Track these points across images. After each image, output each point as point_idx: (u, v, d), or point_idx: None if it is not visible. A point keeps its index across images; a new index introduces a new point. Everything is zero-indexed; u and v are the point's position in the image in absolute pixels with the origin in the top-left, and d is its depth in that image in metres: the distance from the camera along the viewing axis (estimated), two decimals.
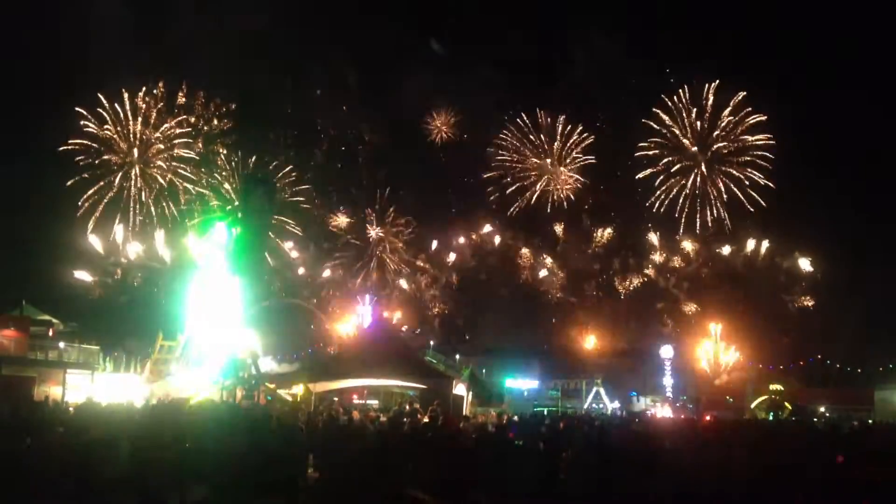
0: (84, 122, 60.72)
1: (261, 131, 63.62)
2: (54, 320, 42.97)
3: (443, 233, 66.35)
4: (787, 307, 62.98)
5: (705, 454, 14.00)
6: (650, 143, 66.05)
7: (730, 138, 65.14)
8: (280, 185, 60.58)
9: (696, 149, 65.84)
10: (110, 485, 12.04)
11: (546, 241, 67.65)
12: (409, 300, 64.98)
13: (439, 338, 60.11)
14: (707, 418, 33.33)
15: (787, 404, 48.47)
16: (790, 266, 64.36)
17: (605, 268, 67.04)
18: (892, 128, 59.06)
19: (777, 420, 41.19)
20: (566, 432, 16.80)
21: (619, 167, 67.22)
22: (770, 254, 64.80)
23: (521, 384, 51.78)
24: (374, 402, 31.54)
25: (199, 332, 30.80)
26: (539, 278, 66.59)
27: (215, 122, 62.65)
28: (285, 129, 64.24)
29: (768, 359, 56.66)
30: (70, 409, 20.15)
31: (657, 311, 64.85)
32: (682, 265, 66.09)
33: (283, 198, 61.17)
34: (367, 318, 52.98)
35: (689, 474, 11.93)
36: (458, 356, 49.39)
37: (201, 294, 30.91)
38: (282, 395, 25.77)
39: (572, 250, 66.97)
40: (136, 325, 47.89)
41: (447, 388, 24.34)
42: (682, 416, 40.88)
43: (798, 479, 11.54)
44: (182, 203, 61.94)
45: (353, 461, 12.23)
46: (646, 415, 39.37)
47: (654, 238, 66.79)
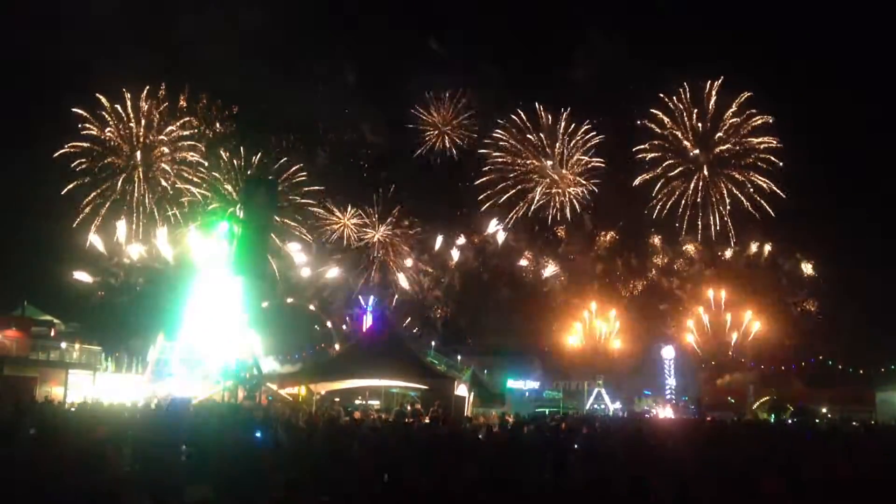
0: (86, 124, 60.86)
1: (262, 133, 63.62)
2: (56, 320, 43.06)
3: (445, 233, 66.27)
4: (790, 309, 62.86)
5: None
6: (650, 145, 65.96)
7: (732, 141, 64.97)
8: (282, 186, 60.55)
9: (697, 151, 65.62)
10: (112, 485, 12.06)
11: (548, 244, 67.50)
12: (411, 301, 64.86)
13: (441, 338, 60.00)
14: (708, 419, 33.31)
15: (788, 405, 48.40)
16: (792, 268, 64.28)
17: (607, 269, 66.88)
18: (892, 128, 59.07)
19: (778, 421, 41.14)
20: (569, 433, 16.83)
21: (619, 169, 67.00)
22: (772, 255, 64.68)
23: (522, 385, 51.67)
24: (376, 403, 31.51)
25: (200, 332, 30.88)
26: (542, 279, 66.38)
27: (217, 125, 62.71)
28: (287, 131, 64.19)
29: (770, 359, 56.59)
30: (72, 408, 20.22)
31: (660, 313, 64.63)
32: (685, 267, 65.91)
33: (285, 198, 61.17)
34: (368, 319, 52.91)
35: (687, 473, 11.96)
36: (459, 357, 49.30)
37: (203, 294, 31.00)
38: (283, 395, 25.83)
39: (575, 252, 66.84)
40: (137, 325, 47.98)
41: (449, 388, 24.37)
42: (683, 417, 40.84)
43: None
44: (185, 206, 61.97)
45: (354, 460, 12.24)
46: (645, 415, 39.33)
47: (656, 240, 66.61)
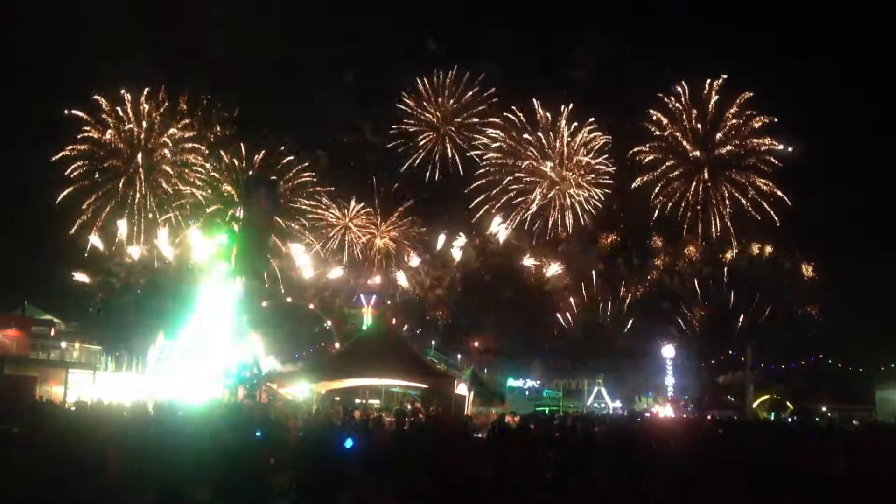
0: (87, 126, 60.96)
1: (263, 134, 63.58)
2: (56, 320, 43.08)
3: (447, 233, 66.21)
4: (790, 307, 62.79)
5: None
6: (650, 146, 65.91)
7: (733, 142, 64.83)
8: (283, 187, 60.60)
9: (697, 153, 65.46)
10: (112, 484, 12.07)
11: (548, 243, 67.40)
12: (411, 300, 64.83)
13: (442, 337, 59.96)
14: (709, 417, 33.28)
15: (788, 403, 48.40)
16: (793, 267, 64.21)
17: (608, 267, 66.73)
18: (892, 128, 59.06)
19: (778, 419, 41.15)
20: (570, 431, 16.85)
21: (620, 169, 66.85)
22: (773, 254, 64.60)
23: (522, 384, 51.65)
24: (376, 402, 31.52)
25: (200, 332, 30.86)
26: (543, 279, 66.25)
27: (218, 127, 62.70)
28: (287, 131, 64.21)
29: (770, 358, 56.54)
30: (72, 408, 20.20)
31: (662, 311, 64.43)
32: (686, 266, 65.81)
33: (286, 199, 61.22)
34: (369, 319, 52.88)
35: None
36: (459, 356, 49.28)
37: (203, 294, 30.98)
38: (283, 394, 25.82)
39: (576, 251, 66.80)
40: (137, 324, 48.00)
41: (449, 387, 24.33)
42: (684, 416, 40.80)
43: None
44: (186, 207, 61.98)
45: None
46: (646, 414, 39.26)
47: (657, 241, 66.51)
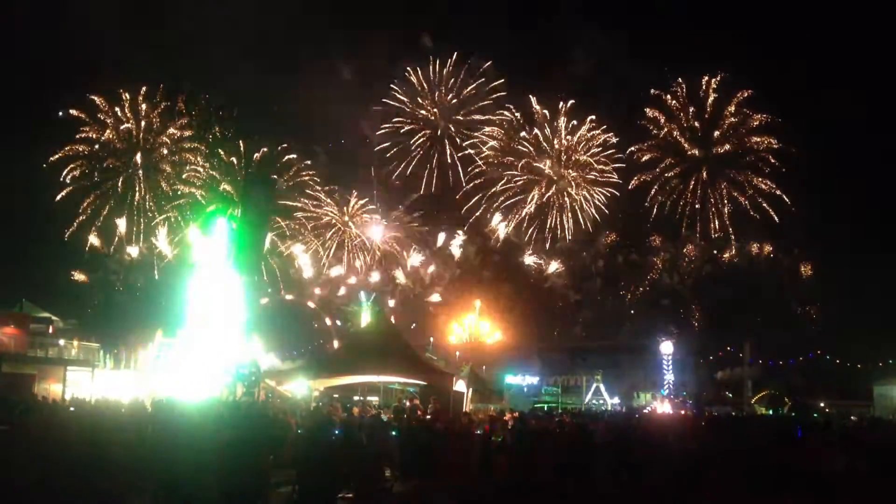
0: (84, 126, 60.87)
1: (261, 132, 63.53)
2: (54, 317, 43.01)
3: (447, 229, 66.17)
4: (789, 305, 62.82)
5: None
6: (649, 145, 65.85)
7: (732, 141, 64.76)
8: (283, 186, 60.58)
9: (696, 152, 65.38)
10: (109, 483, 12.05)
11: (550, 242, 67.37)
12: (411, 297, 64.76)
13: (441, 334, 59.88)
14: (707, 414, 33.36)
15: (786, 399, 48.50)
16: (791, 264, 64.27)
17: (608, 265, 66.73)
18: (891, 127, 58.98)
19: (777, 415, 41.22)
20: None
21: (618, 168, 66.77)
22: (771, 253, 64.63)
23: (521, 380, 51.64)
24: (374, 399, 31.52)
25: (199, 329, 30.82)
26: (542, 276, 66.22)
27: (217, 129, 62.60)
28: (286, 130, 64.14)
29: (768, 354, 56.64)
30: (70, 406, 20.18)
31: (661, 308, 64.41)
32: (685, 265, 65.80)
33: (284, 197, 61.23)
34: (368, 315, 52.81)
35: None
36: (457, 352, 49.31)
37: (201, 292, 30.93)
38: (282, 392, 25.79)
39: (576, 248, 66.82)
40: (136, 322, 47.94)
41: (447, 384, 24.32)
42: (683, 412, 40.84)
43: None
44: (184, 206, 61.96)
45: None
46: (644, 411, 39.35)
47: (657, 239, 66.47)
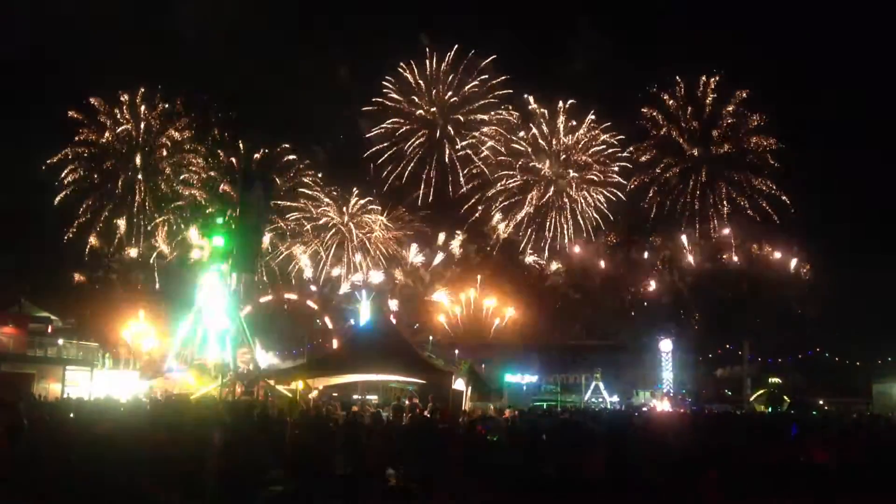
0: (84, 128, 60.88)
1: (259, 132, 63.51)
2: (53, 317, 43.00)
3: (447, 228, 66.17)
4: (789, 302, 62.83)
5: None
6: (648, 144, 65.80)
7: (731, 142, 64.76)
8: (283, 184, 60.63)
9: (695, 151, 65.34)
10: (111, 483, 12.07)
11: (551, 241, 67.32)
12: (411, 295, 64.75)
13: (441, 333, 59.94)
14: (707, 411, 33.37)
15: (785, 397, 48.55)
16: (790, 263, 64.29)
17: (608, 264, 66.70)
18: (890, 125, 58.93)
19: (775, 413, 41.23)
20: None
21: (619, 167, 66.65)
22: (771, 251, 64.68)
23: (520, 379, 51.64)
24: (374, 398, 31.55)
25: (197, 328, 30.87)
26: (542, 275, 66.18)
27: (216, 130, 62.67)
28: (286, 129, 64.12)
29: (767, 352, 56.69)
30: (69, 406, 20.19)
31: (661, 307, 64.37)
32: (684, 264, 65.77)
33: (284, 195, 61.26)
34: (367, 314, 52.84)
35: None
36: (456, 351, 49.31)
37: (200, 291, 30.97)
38: (280, 390, 25.78)
39: (576, 245, 66.79)
40: (135, 322, 47.92)
41: (446, 382, 24.32)
42: (682, 410, 40.87)
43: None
44: (184, 208, 61.96)
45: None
46: (643, 409, 39.36)
47: (657, 238, 66.43)
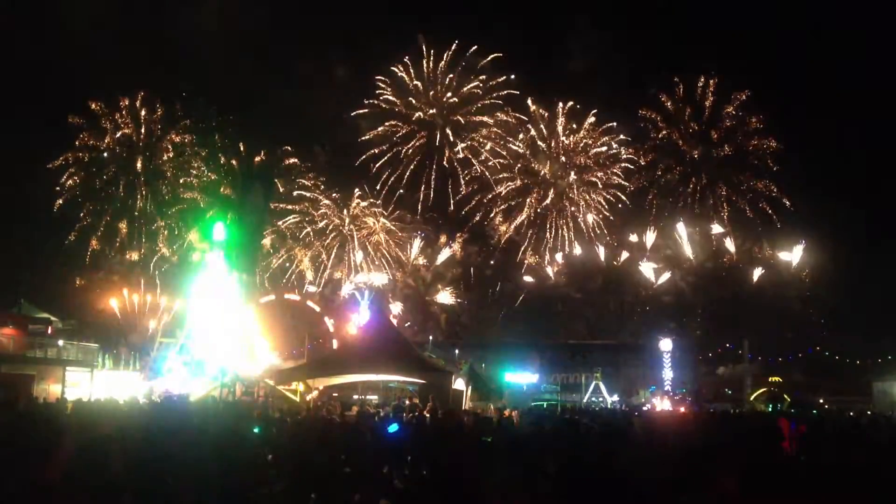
0: (84, 133, 60.87)
1: (259, 134, 63.46)
2: (53, 318, 42.96)
3: (448, 229, 66.11)
4: (789, 301, 62.83)
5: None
6: (648, 146, 65.82)
7: (732, 142, 64.77)
8: (283, 185, 60.54)
9: (696, 153, 65.34)
10: (110, 484, 12.03)
11: (552, 242, 67.28)
12: (411, 295, 64.72)
13: (442, 333, 59.93)
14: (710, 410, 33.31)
15: (785, 396, 48.53)
16: (790, 259, 64.30)
17: (609, 265, 66.66)
18: (890, 123, 59.01)
19: (775, 411, 41.19)
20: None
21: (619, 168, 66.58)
22: (770, 251, 64.67)
23: (520, 378, 51.64)
24: (374, 398, 31.54)
25: (198, 329, 30.86)
26: (542, 275, 66.16)
27: (217, 137, 62.58)
28: (286, 129, 64.01)
29: (768, 351, 56.70)
30: (68, 407, 20.14)
31: (662, 306, 64.27)
32: (685, 263, 65.73)
33: (285, 196, 61.13)
34: (367, 314, 52.80)
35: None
36: (456, 350, 49.31)
37: (200, 291, 30.97)
38: (281, 391, 25.79)
39: (577, 246, 66.80)
40: (135, 322, 47.95)
41: (446, 382, 24.34)
42: (682, 409, 40.85)
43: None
44: (186, 210, 61.89)
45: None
46: (643, 408, 39.35)
47: (657, 238, 66.47)
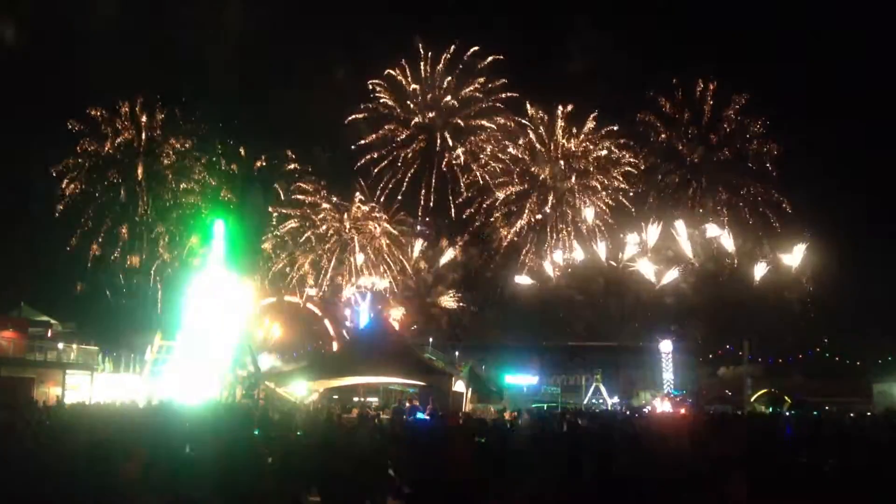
0: (84, 137, 60.80)
1: (261, 136, 63.39)
2: (53, 321, 42.93)
3: (448, 230, 65.99)
4: (789, 302, 62.73)
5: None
6: (647, 149, 65.76)
7: (732, 146, 64.68)
8: (283, 188, 60.60)
9: (695, 156, 65.23)
10: (110, 485, 12.00)
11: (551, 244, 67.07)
12: (412, 297, 64.60)
13: (443, 335, 59.78)
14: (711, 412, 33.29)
15: (786, 397, 48.49)
16: (790, 260, 64.21)
17: (609, 266, 66.46)
18: (891, 127, 58.94)
19: (775, 412, 41.19)
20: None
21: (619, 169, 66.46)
22: (770, 251, 64.57)
23: (520, 380, 51.62)
24: (374, 400, 31.55)
25: (198, 331, 30.84)
26: (543, 277, 66.02)
27: (218, 145, 62.49)
28: (285, 131, 63.93)
29: (768, 352, 56.66)
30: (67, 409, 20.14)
31: (663, 307, 64.09)
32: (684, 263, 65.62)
33: (285, 199, 61.14)
34: (367, 316, 52.82)
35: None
36: (457, 352, 49.30)
37: (200, 293, 30.96)
38: (282, 393, 25.81)
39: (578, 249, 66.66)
40: (134, 324, 47.85)
41: (447, 384, 24.37)
42: (682, 411, 40.83)
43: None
44: (187, 214, 61.83)
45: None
46: (643, 410, 39.34)
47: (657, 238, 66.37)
